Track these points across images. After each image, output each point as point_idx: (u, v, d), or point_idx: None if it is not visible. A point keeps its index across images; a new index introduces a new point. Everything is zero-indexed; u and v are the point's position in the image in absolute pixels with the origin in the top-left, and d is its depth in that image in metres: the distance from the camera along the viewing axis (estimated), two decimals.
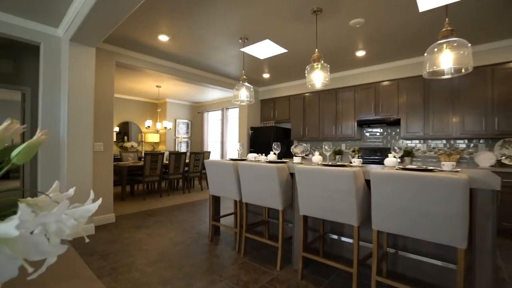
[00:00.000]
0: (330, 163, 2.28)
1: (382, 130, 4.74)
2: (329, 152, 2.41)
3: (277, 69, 4.80)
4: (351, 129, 4.81)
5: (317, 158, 2.65)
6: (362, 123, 4.68)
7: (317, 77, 2.62)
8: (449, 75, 2.04)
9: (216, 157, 8.20)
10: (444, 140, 4.07)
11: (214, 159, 3.52)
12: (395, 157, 2.14)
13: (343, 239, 2.53)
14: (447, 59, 1.86)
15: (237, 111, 7.62)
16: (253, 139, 5.90)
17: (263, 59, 4.23)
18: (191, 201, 5.08)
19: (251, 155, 3.26)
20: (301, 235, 2.20)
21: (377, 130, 4.79)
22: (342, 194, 1.86)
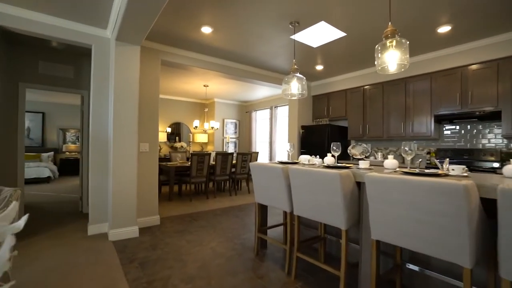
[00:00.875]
0: (417, 170, 1.67)
1: (469, 127, 3.74)
2: (411, 154, 1.79)
3: (332, 58, 4.19)
4: (425, 126, 3.93)
5: (392, 162, 2.04)
6: (441, 119, 3.77)
7: (392, 58, 2.01)
8: None
9: (264, 158, 7.85)
10: None
11: (262, 161, 3.14)
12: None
13: (428, 272, 1.87)
14: None
15: (286, 109, 7.16)
16: (304, 139, 5.37)
17: (316, 47, 3.70)
18: (237, 204, 4.80)
19: (303, 157, 2.78)
20: (373, 266, 1.64)
21: (461, 126, 3.81)
22: (447, 220, 1.26)
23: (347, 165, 2.17)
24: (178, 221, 3.72)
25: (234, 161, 5.83)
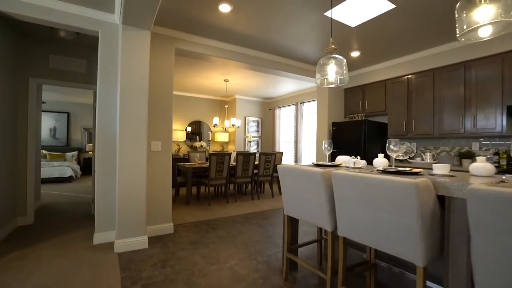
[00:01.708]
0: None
1: None
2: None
3: (373, 41, 3.54)
4: (493, 120, 3.16)
5: (485, 167, 1.42)
6: None
7: (485, 15, 1.38)
8: None
9: (289, 159, 7.26)
10: None
11: (287, 162, 2.61)
12: None
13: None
14: None
15: (313, 105, 6.54)
16: (335, 137, 4.74)
17: (354, 26, 3.09)
18: (260, 210, 4.30)
19: (343, 158, 2.22)
20: None
21: None
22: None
23: (416, 171, 1.57)
24: (194, 229, 3.29)
25: (256, 162, 5.34)
